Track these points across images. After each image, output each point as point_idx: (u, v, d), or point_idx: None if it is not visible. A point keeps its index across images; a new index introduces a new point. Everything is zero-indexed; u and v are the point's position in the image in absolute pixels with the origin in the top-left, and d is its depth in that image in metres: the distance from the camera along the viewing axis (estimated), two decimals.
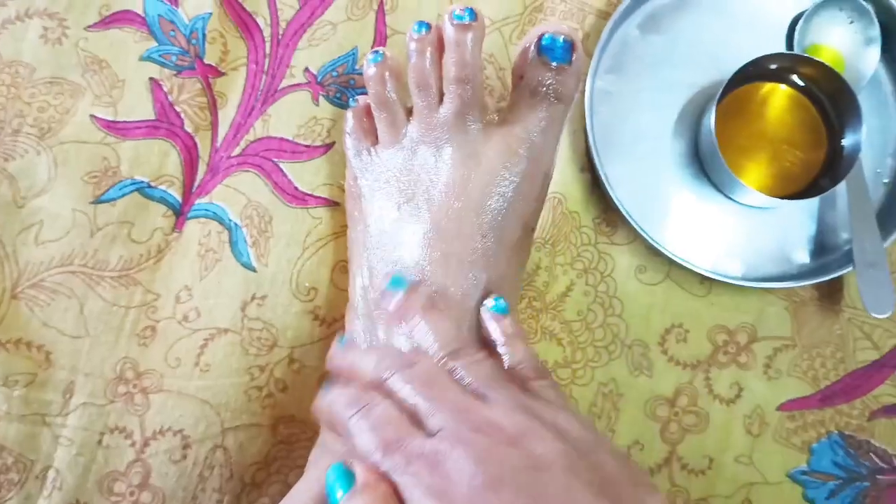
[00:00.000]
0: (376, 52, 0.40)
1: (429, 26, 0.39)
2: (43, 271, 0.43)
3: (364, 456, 0.28)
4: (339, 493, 0.28)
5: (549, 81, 0.38)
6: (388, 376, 0.31)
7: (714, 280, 0.44)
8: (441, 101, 0.38)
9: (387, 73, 0.39)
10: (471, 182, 0.37)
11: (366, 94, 0.41)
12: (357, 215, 0.40)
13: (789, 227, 0.46)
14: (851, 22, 0.47)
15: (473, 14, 0.38)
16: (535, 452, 0.27)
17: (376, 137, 0.41)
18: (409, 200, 0.38)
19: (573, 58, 0.38)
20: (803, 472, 0.43)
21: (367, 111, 0.41)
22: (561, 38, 0.37)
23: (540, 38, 0.38)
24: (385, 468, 0.28)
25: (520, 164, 0.38)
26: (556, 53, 0.37)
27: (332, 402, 0.31)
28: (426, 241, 0.37)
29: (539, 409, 0.30)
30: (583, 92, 0.45)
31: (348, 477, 0.29)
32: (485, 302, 0.36)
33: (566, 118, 0.40)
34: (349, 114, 0.42)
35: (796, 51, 0.47)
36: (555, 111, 0.38)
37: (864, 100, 0.44)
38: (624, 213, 0.43)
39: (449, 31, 0.38)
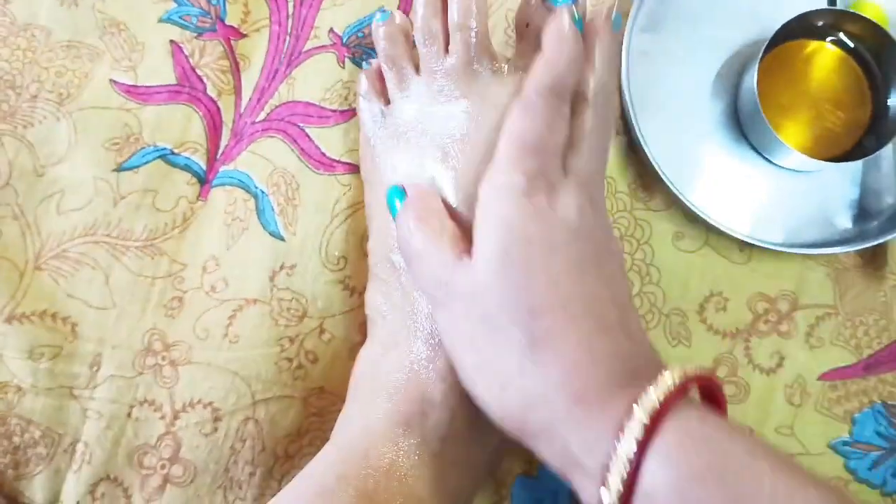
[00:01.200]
0: (383, 10, 0.40)
1: None
2: (66, 241, 0.42)
3: None
4: (398, 203, 0.35)
5: None
6: None
7: (754, 247, 0.43)
8: (447, 52, 0.38)
9: (395, 31, 0.39)
10: (485, 128, 0.36)
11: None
12: (371, 179, 0.40)
13: (831, 191, 0.45)
14: None
15: None
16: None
17: (388, 98, 0.40)
18: (425, 153, 0.37)
19: (577, 2, 0.36)
20: (845, 443, 0.42)
21: (380, 73, 0.41)
22: None
23: None
24: None
25: None
26: None
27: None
28: (447, 189, 0.36)
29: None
30: (618, 53, 0.44)
31: (402, 193, 0.35)
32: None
33: None
34: (362, 76, 0.41)
35: (839, 7, 0.45)
36: None
37: None
38: (662, 176, 0.42)
39: None
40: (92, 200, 0.42)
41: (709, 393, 0.30)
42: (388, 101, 0.40)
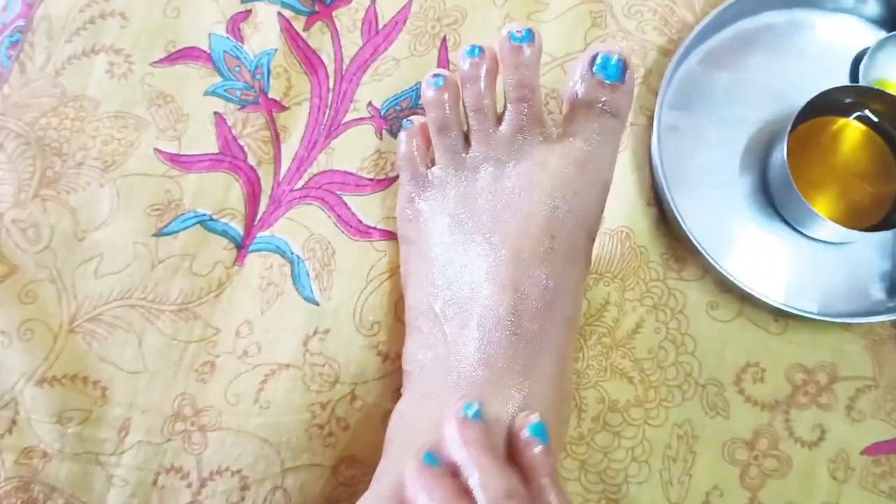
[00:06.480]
0: (437, 75, 0.40)
1: (482, 50, 0.39)
2: (101, 305, 0.42)
3: None
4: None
5: (603, 98, 0.38)
6: None
7: (789, 318, 0.43)
8: (499, 120, 0.40)
9: (446, 96, 0.40)
10: (536, 187, 0.38)
11: (421, 113, 0.41)
12: (413, 235, 0.41)
13: (863, 264, 0.45)
14: None
15: (531, 34, 0.39)
16: None
17: (433, 160, 0.41)
18: (475, 216, 0.38)
19: (626, 76, 0.39)
20: None
21: (424, 132, 0.41)
22: (615, 58, 0.38)
23: (594, 57, 0.39)
24: None
25: (580, 173, 0.38)
26: (610, 72, 0.38)
27: None
28: (495, 243, 0.37)
29: None
30: (648, 126, 0.45)
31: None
32: (521, 419, 0.33)
33: (622, 132, 0.40)
34: (403, 135, 0.42)
35: (863, 84, 0.46)
36: (610, 125, 0.39)
37: None
38: (697, 245, 0.42)
39: (506, 52, 0.39)
40: (130, 264, 0.43)
41: None
42: (431, 163, 0.41)
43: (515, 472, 0.30)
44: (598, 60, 0.38)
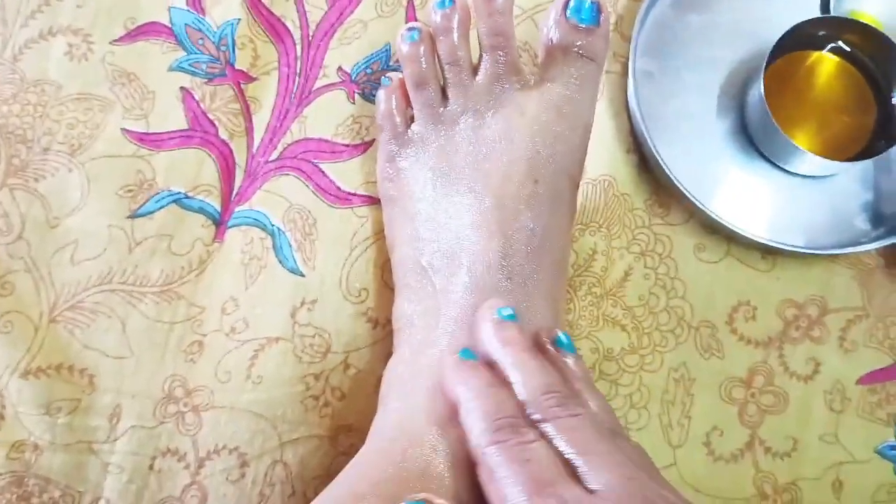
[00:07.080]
0: (412, 29, 0.40)
1: (452, 1, 0.39)
2: (81, 292, 0.41)
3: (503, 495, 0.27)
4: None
5: (579, 42, 0.38)
6: (542, 419, 0.29)
7: (776, 255, 0.43)
8: (474, 71, 0.39)
9: (422, 49, 0.39)
10: (516, 133, 0.38)
11: (398, 71, 0.41)
12: (396, 194, 0.40)
13: (846, 196, 0.45)
14: None
15: None
16: None
17: (411, 118, 0.40)
18: (457, 168, 0.38)
19: (601, 19, 0.39)
20: (892, 447, 0.41)
21: (402, 89, 0.41)
22: (588, 2, 0.38)
23: (567, 1, 0.38)
24: None
25: (560, 117, 0.38)
26: (584, 15, 0.38)
27: (467, 411, 0.30)
28: (479, 191, 0.37)
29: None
30: (623, 73, 0.45)
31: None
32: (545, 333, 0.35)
33: (600, 76, 0.40)
34: (382, 93, 0.41)
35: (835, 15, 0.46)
36: (588, 69, 0.39)
37: None
38: (681, 189, 0.42)
39: (478, 0, 0.38)
40: (106, 249, 0.42)
41: None
42: (410, 119, 0.40)
43: (554, 371, 0.31)
44: (572, 4, 0.38)
